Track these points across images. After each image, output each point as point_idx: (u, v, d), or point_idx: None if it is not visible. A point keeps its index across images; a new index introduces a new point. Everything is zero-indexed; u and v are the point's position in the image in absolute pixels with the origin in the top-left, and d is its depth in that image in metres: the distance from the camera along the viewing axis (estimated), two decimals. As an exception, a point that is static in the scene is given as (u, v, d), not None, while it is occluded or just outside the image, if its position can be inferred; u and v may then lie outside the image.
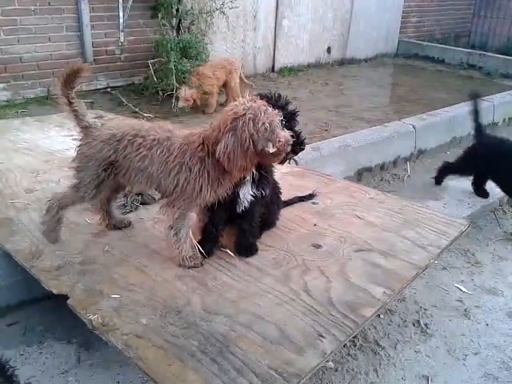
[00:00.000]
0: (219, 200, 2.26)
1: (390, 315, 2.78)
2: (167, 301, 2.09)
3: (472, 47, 10.23)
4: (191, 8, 6.09)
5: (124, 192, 2.84)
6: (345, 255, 2.47)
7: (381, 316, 2.75)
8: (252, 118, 1.99)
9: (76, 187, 2.32)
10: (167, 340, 1.86)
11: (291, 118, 2.28)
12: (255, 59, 7.44)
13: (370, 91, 7.16)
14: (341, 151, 4.31)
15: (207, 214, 2.39)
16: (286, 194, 2.87)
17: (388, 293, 2.18)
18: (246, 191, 2.33)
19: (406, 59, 9.48)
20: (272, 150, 2.03)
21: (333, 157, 4.21)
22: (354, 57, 8.93)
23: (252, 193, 2.34)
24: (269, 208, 2.57)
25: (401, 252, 2.51)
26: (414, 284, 3.00)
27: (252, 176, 2.31)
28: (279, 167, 2.62)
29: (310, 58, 8.24)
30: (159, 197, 2.85)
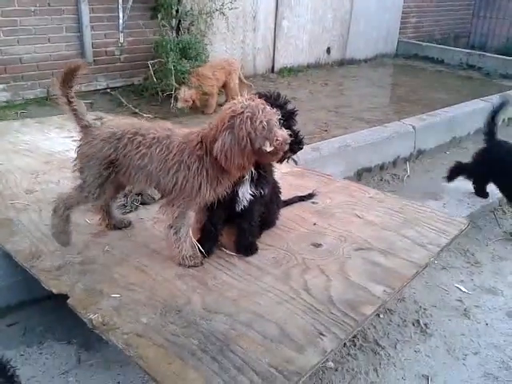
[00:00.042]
0: (218, 199, 2.25)
1: (390, 315, 2.78)
2: (167, 300, 2.09)
3: (471, 48, 10.24)
4: (191, 9, 6.10)
5: (124, 192, 2.84)
6: (345, 254, 2.47)
7: (380, 316, 2.75)
8: (250, 117, 1.99)
9: (80, 187, 2.32)
10: (167, 339, 1.86)
11: (290, 117, 2.28)
12: (255, 60, 7.44)
13: (370, 91, 7.16)
14: (340, 151, 4.30)
15: (206, 214, 2.39)
16: (286, 194, 2.87)
17: (388, 291, 2.18)
18: (245, 190, 2.33)
19: (406, 59, 9.48)
20: (269, 149, 2.03)
21: (332, 157, 4.21)
22: (354, 57, 8.94)
23: (251, 192, 2.34)
24: (268, 207, 2.57)
25: (401, 250, 2.51)
26: (414, 284, 3.00)
27: (251, 175, 2.31)
28: (279, 167, 2.62)
29: (310, 59, 8.24)
30: (159, 197, 2.87)
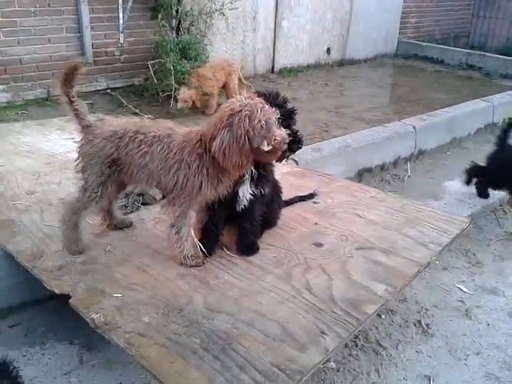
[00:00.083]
0: (219, 199, 2.26)
1: (392, 315, 2.77)
2: (169, 299, 2.09)
3: (471, 48, 10.25)
4: (191, 9, 6.10)
5: (125, 193, 2.84)
6: (346, 253, 2.48)
7: (382, 316, 2.75)
8: (248, 115, 1.99)
9: (83, 188, 2.32)
10: (169, 338, 1.86)
11: (289, 117, 2.27)
12: (255, 60, 7.45)
13: (370, 92, 7.16)
14: (341, 152, 4.30)
15: (207, 213, 2.39)
16: (287, 194, 2.87)
17: (390, 290, 2.18)
18: (245, 190, 2.33)
19: (406, 60, 9.49)
20: (267, 148, 2.03)
21: (333, 157, 4.21)
22: (354, 57, 8.94)
23: (251, 191, 2.34)
24: (270, 207, 2.57)
25: (402, 250, 2.51)
26: (415, 284, 3.01)
27: (251, 174, 2.31)
28: (279, 167, 2.62)
29: (310, 59, 8.25)
30: (160, 197, 2.87)
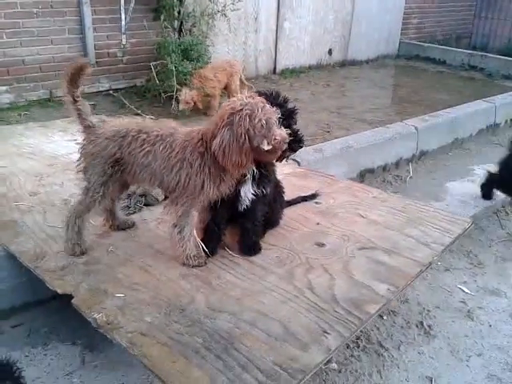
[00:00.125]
0: (221, 199, 2.26)
1: (394, 316, 2.76)
2: (171, 299, 2.09)
3: (473, 48, 10.24)
4: (193, 10, 6.10)
5: (127, 193, 2.84)
6: (348, 253, 2.48)
7: (384, 317, 2.74)
8: (249, 114, 2.00)
9: (86, 189, 2.32)
10: (172, 337, 1.86)
11: (289, 116, 2.28)
12: (257, 61, 7.45)
13: (372, 92, 7.16)
14: (343, 153, 4.29)
15: (209, 213, 2.39)
16: (289, 194, 2.87)
17: (392, 289, 2.18)
18: (247, 190, 2.33)
19: (408, 60, 9.47)
20: (267, 148, 2.04)
21: (335, 158, 4.20)
22: (356, 58, 8.94)
23: (253, 191, 2.34)
24: (272, 207, 2.57)
25: (404, 249, 2.51)
26: (417, 285, 3.00)
27: (253, 174, 2.32)
28: (281, 167, 2.62)
29: (312, 60, 8.25)
30: (162, 198, 2.87)
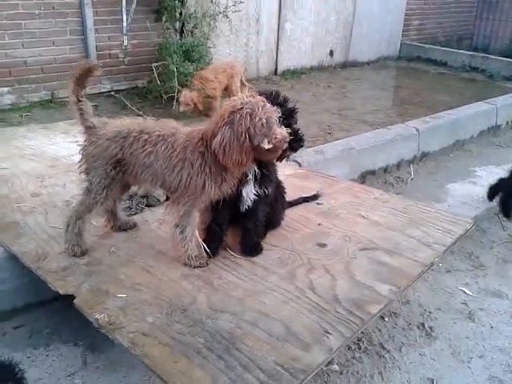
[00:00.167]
0: (223, 199, 2.26)
1: (395, 318, 2.76)
2: (173, 299, 2.10)
3: (474, 50, 10.23)
4: (194, 11, 6.11)
5: (129, 194, 2.85)
6: (350, 254, 2.48)
7: (385, 319, 2.74)
8: (249, 113, 2.00)
9: (87, 190, 2.32)
10: (173, 337, 1.87)
11: (290, 116, 2.28)
12: (258, 62, 7.45)
13: (373, 94, 7.15)
14: (344, 154, 4.30)
15: (211, 214, 2.39)
16: (291, 195, 2.88)
17: (394, 290, 2.18)
18: (249, 190, 2.34)
19: (409, 62, 9.47)
20: (267, 146, 2.04)
21: (336, 160, 4.21)
22: (357, 60, 8.93)
23: (255, 191, 2.35)
24: (273, 207, 2.58)
25: (406, 250, 2.51)
26: (419, 287, 3.00)
27: (254, 174, 2.32)
28: (283, 168, 2.62)
29: (313, 61, 8.25)
30: (164, 199, 2.87)
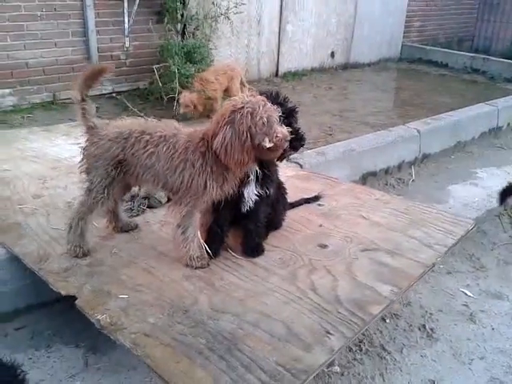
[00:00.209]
0: (225, 200, 2.26)
1: (396, 319, 2.75)
2: (175, 300, 2.10)
3: (475, 51, 10.24)
4: (196, 13, 6.13)
5: (131, 195, 2.85)
6: (351, 255, 2.48)
7: (387, 320, 2.73)
8: (250, 112, 2.01)
9: (88, 190, 2.32)
10: (175, 338, 1.87)
11: (290, 115, 2.28)
12: (259, 64, 7.47)
13: (374, 95, 7.16)
14: (345, 156, 4.29)
15: (212, 215, 2.40)
16: (292, 196, 2.88)
17: (395, 291, 2.18)
18: (251, 191, 2.34)
19: (410, 63, 9.49)
20: (269, 145, 2.04)
21: (337, 161, 4.20)
22: (358, 61, 8.95)
23: (256, 192, 2.35)
24: (275, 208, 2.58)
25: (407, 251, 2.51)
26: (420, 288, 3.00)
27: (256, 175, 2.32)
28: (284, 170, 2.62)
29: (314, 63, 8.26)
30: (165, 200, 2.87)
